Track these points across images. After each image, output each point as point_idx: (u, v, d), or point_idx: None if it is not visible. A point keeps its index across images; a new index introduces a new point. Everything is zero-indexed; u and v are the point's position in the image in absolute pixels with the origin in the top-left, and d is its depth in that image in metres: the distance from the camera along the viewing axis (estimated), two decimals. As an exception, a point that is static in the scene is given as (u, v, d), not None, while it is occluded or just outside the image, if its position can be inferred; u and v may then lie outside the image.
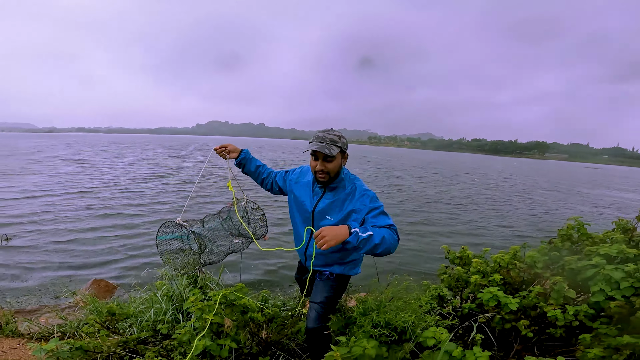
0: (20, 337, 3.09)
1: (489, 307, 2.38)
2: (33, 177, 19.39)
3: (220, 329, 2.18)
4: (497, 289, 2.40)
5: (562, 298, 2.27)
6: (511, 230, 11.57)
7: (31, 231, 8.70)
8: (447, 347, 1.96)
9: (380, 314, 2.18)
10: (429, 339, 2.03)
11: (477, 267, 2.80)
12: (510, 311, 2.31)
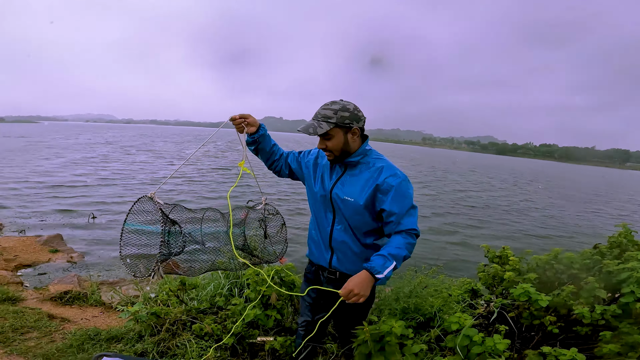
0: (103, 306, 3.67)
1: (519, 303, 2.47)
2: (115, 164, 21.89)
3: (269, 302, 2.52)
4: (529, 285, 2.43)
5: (592, 298, 2.28)
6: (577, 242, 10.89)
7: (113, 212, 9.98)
8: (468, 331, 2.06)
9: (411, 298, 2.36)
10: (453, 323, 2.12)
11: (514, 266, 2.87)
12: (540, 308, 2.36)
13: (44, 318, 3.10)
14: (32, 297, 3.73)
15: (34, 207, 10.50)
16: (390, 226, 1.70)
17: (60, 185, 14.02)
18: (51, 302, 3.61)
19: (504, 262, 3.11)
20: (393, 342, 2.14)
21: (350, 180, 1.76)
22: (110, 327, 3.00)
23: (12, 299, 3.57)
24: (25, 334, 2.81)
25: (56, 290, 3.84)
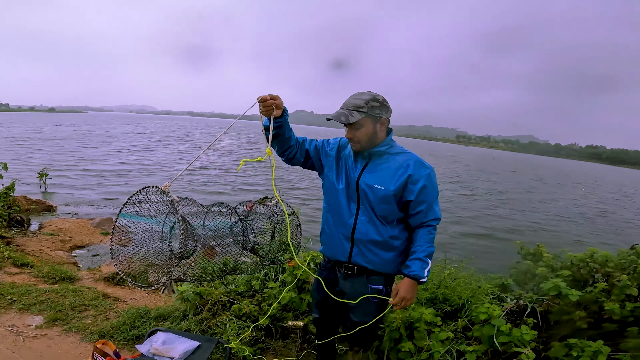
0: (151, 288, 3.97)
1: (548, 298, 2.47)
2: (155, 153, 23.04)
3: (304, 285, 2.67)
4: (560, 280, 2.39)
5: (624, 295, 2.26)
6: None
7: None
8: (496, 321, 2.11)
9: (440, 289, 2.43)
10: (482, 314, 2.18)
11: (547, 262, 2.86)
12: (569, 303, 2.34)
13: (99, 297, 3.39)
14: (86, 277, 4.07)
15: (84, 192, 11.41)
16: (418, 217, 1.75)
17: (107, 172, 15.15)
18: (104, 282, 3.92)
19: (537, 260, 3.10)
20: (422, 329, 2.24)
21: (377, 169, 1.76)
22: (157, 306, 3.26)
23: (70, 278, 3.91)
24: (83, 312, 3.08)
25: (108, 271, 4.17)
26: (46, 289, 3.43)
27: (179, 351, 1.91)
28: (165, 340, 1.99)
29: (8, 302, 3.10)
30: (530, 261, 3.09)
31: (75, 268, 4.60)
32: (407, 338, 2.29)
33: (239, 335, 2.56)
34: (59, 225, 6.64)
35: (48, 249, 5.24)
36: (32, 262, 4.18)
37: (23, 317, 2.90)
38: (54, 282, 3.74)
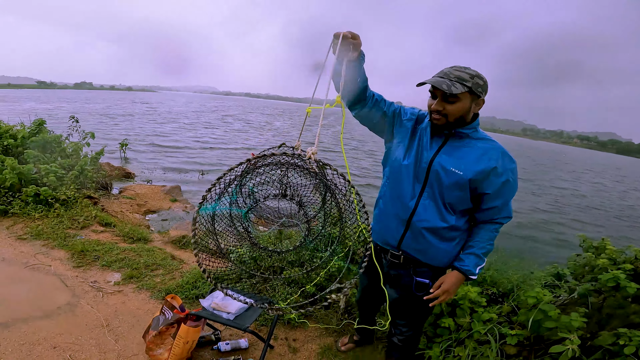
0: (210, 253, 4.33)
1: (605, 289, 2.37)
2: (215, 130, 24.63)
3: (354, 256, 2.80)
4: (621, 272, 2.30)
5: None
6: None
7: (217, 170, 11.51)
8: (544, 306, 2.07)
9: (489, 271, 2.41)
10: (530, 297, 2.14)
11: (610, 255, 2.72)
12: (627, 296, 2.24)
13: (168, 257, 3.77)
14: (157, 240, 4.51)
15: (156, 162, 12.59)
16: (489, 212, 1.61)
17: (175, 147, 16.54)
18: (172, 245, 4.33)
19: (600, 254, 2.95)
20: (465, 306, 2.27)
21: (456, 152, 1.57)
22: (216, 268, 3.59)
23: (145, 239, 4.37)
24: (154, 271, 3.46)
25: (175, 235, 4.59)
26: (125, 248, 3.88)
27: (235, 307, 2.16)
28: (223, 297, 2.25)
29: (93, 258, 3.56)
30: (592, 254, 2.95)
31: (148, 231, 5.08)
32: (448, 315, 2.33)
33: (286, 299, 2.77)
34: (136, 190, 7.35)
35: (127, 211, 5.85)
36: (114, 222, 4.73)
37: (104, 273, 3.32)
38: (132, 242, 4.21)
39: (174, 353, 2.08)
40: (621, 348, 1.96)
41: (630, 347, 1.92)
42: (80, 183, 5.47)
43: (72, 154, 6.03)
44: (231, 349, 2.44)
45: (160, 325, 2.18)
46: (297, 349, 2.57)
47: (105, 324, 2.57)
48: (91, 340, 2.38)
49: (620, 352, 1.98)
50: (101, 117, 27.83)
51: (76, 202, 4.89)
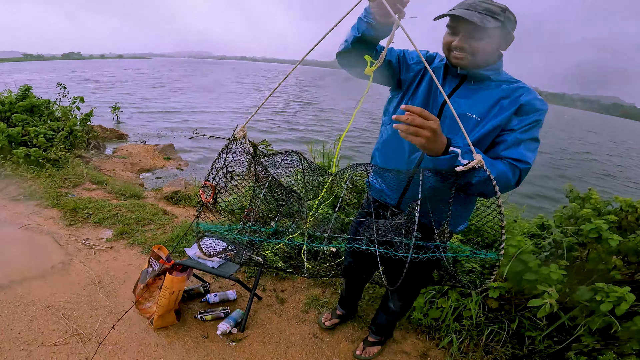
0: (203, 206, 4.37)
1: (588, 241, 2.37)
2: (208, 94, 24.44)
3: (342, 204, 2.78)
4: (604, 222, 2.23)
5: None
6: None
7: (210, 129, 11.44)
8: (524, 255, 2.06)
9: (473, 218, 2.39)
10: (512, 247, 2.10)
11: (595, 205, 2.72)
12: (608, 249, 2.24)
13: (160, 212, 3.80)
14: (150, 197, 4.53)
15: (150, 124, 12.56)
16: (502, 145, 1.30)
17: (168, 110, 16.49)
18: (164, 201, 4.35)
19: (585, 204, 2.95)
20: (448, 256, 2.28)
21: (474, 94, 1.34)
22: (207, 221, 3.63)
23: (137, 196, 4.40)
24: (146, 226, 3.50)
25: (168, 191, 4.62)
26: (117, 204, 3.90)
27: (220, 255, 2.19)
28: (209, 245, 2.27)
29: (85, 215, 3.59)
30: (578, 205, 2.95)
31: (142, 188, 5.11)
32: None
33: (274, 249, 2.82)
34: (130, 150, 7.34)
35: (120, 169, 5.87)
36: (107, 180, 4.74)
37: (96, 230, 3.36)
38: (124, 199, 4.23)
39: (161, 304, 2.12)
40: (598, 304, 1.94)
41: (606, 304, 1.91)
42: (71, 143, 5.47)
43: (61, 117, 5.98)
44: (219, 301, 2.51)
45: (147, 278, 2.22)
46: (284, 299, 2.64)
47: (97, 281, 2.62)
48: (83, 298, 2.44)
49: (597, 310, 1.98)
50: (90, 84, 27.29)
51: (67, 162, 4.92)
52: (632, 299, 1.88)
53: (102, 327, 2.20)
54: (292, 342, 2.26)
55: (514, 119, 1.29)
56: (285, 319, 2.46)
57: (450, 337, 2.28)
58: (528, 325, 2.24)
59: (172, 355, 2.06)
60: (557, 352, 2.19)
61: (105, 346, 2.06)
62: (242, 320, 2.31)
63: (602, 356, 2.07)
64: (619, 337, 2.05)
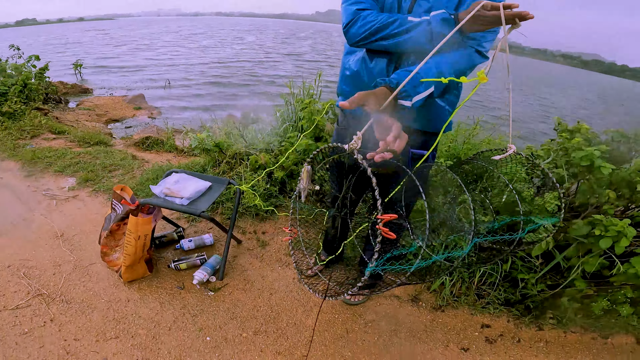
0: (176, 150, 4.08)
1: (579, 170, 2.28)
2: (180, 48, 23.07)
3: (320, 134, 2.58)
4: (594, 149, 2.11)
5: None
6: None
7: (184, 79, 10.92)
8: (517, 186, 1.95)
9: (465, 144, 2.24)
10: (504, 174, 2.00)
11: (585, 135, 2.61)
12: (600, 179, 2.14)
13: (129, 157, 3.55)
14: (119, 144, 4.25)
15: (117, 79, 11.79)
16: None
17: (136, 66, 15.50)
18: (134, 147, 4.09)
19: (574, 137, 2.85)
20: (437, 184, 2.14)
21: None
22: (180, 162, 3.39)
23: (104, 143, 4.10)
24: (112, 172, 3.25)
25: (139, 137, 4.33)
26: (80, 152, 3.62)
27: (190, 191, 1.97)
28: (178, 179, 2.05)
29: (45, 165, 3.31)
30: (567, 137, 2.85)
31: (110, 138, 4.82)
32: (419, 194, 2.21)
33: (254, 186, 2.62)
34: (95, 101, 6.86)
35: (85, 120, 5.48)
36: (68, 130, 4.40)
37: (58, 179, 3.09)
38: (88, 146, 3.94)
39: (127, 253, 1.92)
40: (597, 240, 1.84)
41: (606, 239, 1.80)
42: (27, 97, 5.09)
43: (14, 74, 5.50)
44: (195, 247, 2.34)
45: (111, 223, 2.00)
46: (266, 242, 2.49)
47: (59, 235, 2.41)
48: (45, 254, 2.24)
49: (594, 247, 1.89)
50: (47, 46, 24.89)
51: (24, 114, 4.58)
52: (633, 233, 1.77)
53: (67, 285, 2.02)
54: (276, 289, 2.12)
55: None
56: (268, 264, 2.32)
57: (442, 279, 2.18)
58: (521, 266, 2.15)
59: (145, 310, 1.90)
60: (550, 297, 2.13)
61: (71, 305, 1.89)
62: (220, 267, 2.15)
63: (595, 304, 2.02)
64: (612, 282, 1.99)
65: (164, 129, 5.09)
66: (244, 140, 2.99)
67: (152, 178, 3.00)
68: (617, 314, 2.04)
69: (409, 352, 1.83)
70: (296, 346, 1.80)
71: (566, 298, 2.07)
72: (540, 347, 1.94)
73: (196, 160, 3.24)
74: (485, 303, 2.13)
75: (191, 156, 3.77)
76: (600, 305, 2.01)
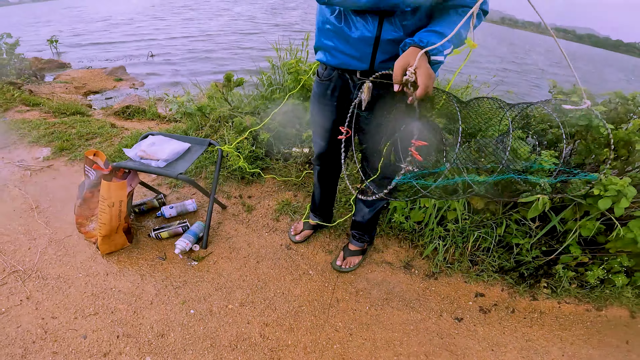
0: (158, 118, 3.91)
1: (577, 130, 2.20)
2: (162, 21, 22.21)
3: (308, 94, 2.48)
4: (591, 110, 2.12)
5: None
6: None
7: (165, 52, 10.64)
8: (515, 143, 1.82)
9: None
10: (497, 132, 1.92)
11: (582, 96, 2.52)
12: (598, 138, 2.08)
13: (107, 126, 3.37)
14: (98, 114, 4.07)
15: (94, 54, 11.29)
16: None
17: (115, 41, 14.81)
18: (114, 116, 3.91)
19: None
20: None
21: None
22: (161, 128, 3.23)
23: (82, 113, 3.90)
24: (89, 140, 3.09)
25: (119, 107, 4.14)
26: (56, 122, 3.43)
27: (168, 152, 1.83)
28: (154, 142, 1.90)
29: (19, 136, 3.13)
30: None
31: (89, 108, 4.61)
32: None
33: (239, 149, 2.49)
34: (72, 75, 6.58)
35: (61, 92, 5.23)
36: (43, 102, 4.18)
37: (32, 150, 2.93)
38: (64, 117, 3.74)
39: (102, 221, 1.78)
40: (595, 200, 1.76)
41: (605, 199, 1.71)
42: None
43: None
44: (177, 214, 2.22)
45: (85, 190, 1.86)
46: (252, 207, 2.38)
47: (34, 206, 2.28)
48: (19, 228, 2.11)
49: (592, 209, 1.81)
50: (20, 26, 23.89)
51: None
52: (634, 193, 1.69)
53: (43, 260, 1.90)
54: (263, 256, 2.03)
55: None
56: (254, 230, 2.21)
57: (435, 245, 2.09)
58: (515, 230, 2.08)
59: (125, 284, 1.80)
60: (545, 264, 2.08)
61: (47, 281, 1.79)
62: (203, 234, 2.04)
63: (591, 272, 1.97)
64: (608, 250, 1.94)
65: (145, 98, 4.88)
66: (228, 104, 2.82)
67: (130, 144, 2.85)
68: (612, 284, 2.01)
69: (402, 322, 1.76)
70: (284, 317, 1.72)
71: (561, 265, 2.02)
72: (534, 319, 1.88)
73: (178, 126, 3.09)
74: (480, 270, 2.06)
75: (174, 122, 3.61)
76: (596, 274, 1.96)
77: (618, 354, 1.74)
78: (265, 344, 1.59)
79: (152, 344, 1.55)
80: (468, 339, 1.72)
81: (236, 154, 2.34)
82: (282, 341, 1.61)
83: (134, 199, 2.28)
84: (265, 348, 1.58)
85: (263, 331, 1.64)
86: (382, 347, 1.64)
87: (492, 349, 1.70)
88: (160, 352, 1.53)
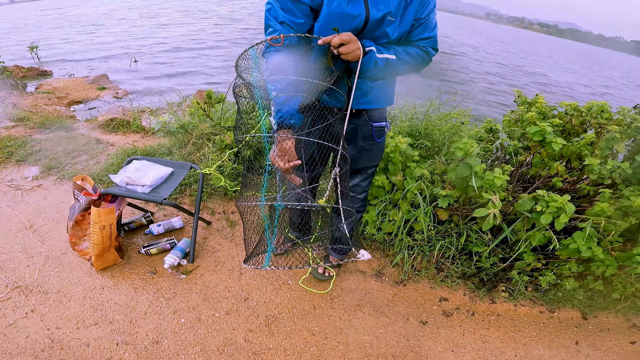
0: (143, 132, 3.99)
1: (533, 144, 2.37)
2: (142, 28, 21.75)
3: None
4: (547, 124, 2.20)
5: (609, 151, 2.13)
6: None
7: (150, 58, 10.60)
8: (471, 160, 1.99)
9: (423, 121, 2.29)
10: (458, 149, 2.03)
11: (540, 109, 2.71)
12: (552, 153, 2.22)
13: (92, 142, 3.46)
14: (83, 127, 4.12)
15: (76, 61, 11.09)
16: (415, 31, 1.40)
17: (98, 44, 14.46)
18: (99, 129, 3.97)
19: (532, 109, 2.95)
20: (397, 160, 2.19)
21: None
22: (145, 145, 3.34)
23: (65, 128, 3.97)
24: (76, 158, 3.19)
25: (103, 119, 4.19)
26: (41, 139, 3.50)
27: (152, 178, 1.97)
28: (138, 167, 2.04)
29: (6, 155, 3.20)
30: (525, 109, 2.95)
31: (74, 121, 4.63)
32: (381, 171, 2.28)
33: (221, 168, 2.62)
34: (54, 84, 6.55)
35: (44, 104, 5.24)
36: (27, 117, 4.21)
37: (21, 169, 3.02)
38: (49, 132, 3.81)
39: (94, 242, 1.93)
40: (539, 215, 1.94)
41: (547, 215, 1.90)
42: None
43: None
44: (164, 231, 2.36)
45: (76, 214, 2.00)
46: (235, 222, 2.53)
47: (28, 226, 2.39)
48: (17, 246, 2.23)
49: (537, 222, 1.97)
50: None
51: None
52: (572, 210, 1.88)
53: (42, 276, 2.03)
54: (245, 268, 2.19)
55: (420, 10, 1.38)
56: (237, 244, 2.37)
57: (403, 254, 2.28)
58: (475, 240, 2.28)
59: (119, 297, 1.95)
60: (502, 270, 2.26)
61: (48, 295, 1.92)
62: (190, 250, 2.19)
63: (543, 277, 2.14)
64: (559, 256, 2.11)
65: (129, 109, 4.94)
66: (210, 119, 2.95)
67: (116, 163, 2.96)
68: (564, 287, 2.18)
69: (372, 326, 1.95)
70: (266, 323, 1.89)
71: (516, 271, 2.21)
72: (492, 321, 2.08)
73: (162, 142, 3.20)
74: (444, 276, 2.25)
75: (158, 137, 3.71)
76: (547, 278, 2.14)
77: (566, 354, 1.94)
78: (250, 347, 1.77)
79: (148, 350, 1.71)
80: (431, 341, 1.92)
81: (217, 175, 2.48)
82: (264, 345, 1.78)
83: (123, 218, 2.41)
84: (250, 352, 1.75)
85: (247, 336, 1.81)
86: (354, 349, 1.82)
87: (453, 350, 1.89)
88: (156, 357, 1.69)
